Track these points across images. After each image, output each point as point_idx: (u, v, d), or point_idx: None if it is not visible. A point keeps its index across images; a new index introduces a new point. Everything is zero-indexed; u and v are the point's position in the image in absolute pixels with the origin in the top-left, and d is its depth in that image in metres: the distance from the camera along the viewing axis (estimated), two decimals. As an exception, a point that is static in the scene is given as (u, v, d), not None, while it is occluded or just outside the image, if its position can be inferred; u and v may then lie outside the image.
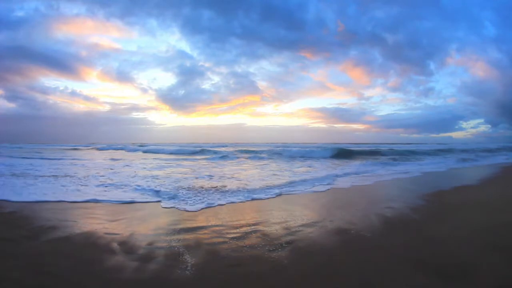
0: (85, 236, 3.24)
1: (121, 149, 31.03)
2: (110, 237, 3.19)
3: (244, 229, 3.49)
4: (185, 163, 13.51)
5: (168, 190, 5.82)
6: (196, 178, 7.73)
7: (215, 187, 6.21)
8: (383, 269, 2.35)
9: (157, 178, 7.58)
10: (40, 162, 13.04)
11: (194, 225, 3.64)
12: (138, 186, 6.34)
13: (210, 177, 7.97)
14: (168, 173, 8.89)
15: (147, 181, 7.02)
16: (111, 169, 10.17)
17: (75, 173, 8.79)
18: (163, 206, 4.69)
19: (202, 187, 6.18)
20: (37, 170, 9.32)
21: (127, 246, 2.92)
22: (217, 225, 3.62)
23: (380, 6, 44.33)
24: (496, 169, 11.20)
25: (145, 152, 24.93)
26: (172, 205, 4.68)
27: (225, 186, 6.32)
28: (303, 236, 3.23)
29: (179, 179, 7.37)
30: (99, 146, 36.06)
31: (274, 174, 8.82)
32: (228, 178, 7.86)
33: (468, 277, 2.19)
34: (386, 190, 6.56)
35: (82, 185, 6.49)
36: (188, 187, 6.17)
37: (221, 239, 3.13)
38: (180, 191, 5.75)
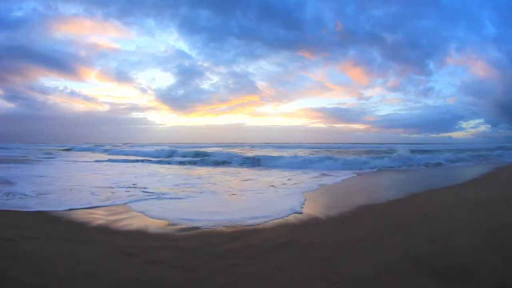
0: (85, 235, 3.24)
1: (92, 150, 29.84)
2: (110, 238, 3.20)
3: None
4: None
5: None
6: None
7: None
8: (383, 269, 2.35)
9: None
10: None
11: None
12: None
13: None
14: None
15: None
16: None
17: None
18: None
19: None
20: None
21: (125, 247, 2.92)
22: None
23: (378, 5, 44.24)
24: None
25: (110, 154, 22.64)
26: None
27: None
28: (302, 235, 3.24)
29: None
30: (77, 147, 34.49)
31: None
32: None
33: (468, 277, 2.19)
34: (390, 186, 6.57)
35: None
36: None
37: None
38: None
